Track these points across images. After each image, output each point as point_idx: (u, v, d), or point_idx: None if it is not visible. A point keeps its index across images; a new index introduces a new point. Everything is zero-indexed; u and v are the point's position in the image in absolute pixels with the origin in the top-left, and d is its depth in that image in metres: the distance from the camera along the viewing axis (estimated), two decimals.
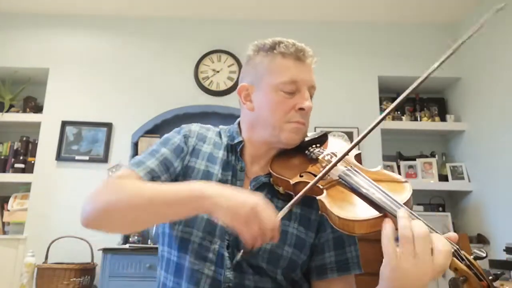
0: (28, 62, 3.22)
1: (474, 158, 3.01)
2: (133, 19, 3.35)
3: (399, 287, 0.63)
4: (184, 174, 0.92)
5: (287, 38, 0.93)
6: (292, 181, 0.83)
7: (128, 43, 3.31)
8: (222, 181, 0.91)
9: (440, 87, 3.43)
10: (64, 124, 3.09)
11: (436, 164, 3.13)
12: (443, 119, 3.24)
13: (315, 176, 0.81)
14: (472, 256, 0.63)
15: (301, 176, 0.85)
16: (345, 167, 0.83)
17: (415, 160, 3.17)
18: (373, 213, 0.69)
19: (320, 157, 0.88)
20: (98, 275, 2.57)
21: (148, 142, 3.06)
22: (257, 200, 0.71)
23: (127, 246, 2.62)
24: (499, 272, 0.63)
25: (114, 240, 2.77)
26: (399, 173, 3.13)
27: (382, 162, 3.07)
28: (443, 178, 3.07)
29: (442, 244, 0.61)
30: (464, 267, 0.62)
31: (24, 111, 3.22)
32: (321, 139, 0.96)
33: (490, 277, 0.61)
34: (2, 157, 3.10)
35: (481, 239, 2.76)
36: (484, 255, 0.62)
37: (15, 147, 3.14)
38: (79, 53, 3.27)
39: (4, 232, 2.94)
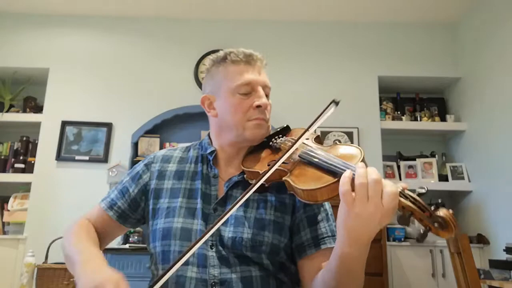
0: (28, 62, 3.22)
1: (474, 158, 3.01)
2: (133, 19, 3.35)
3: (352, 230, 0.72)
4: (155, 196, 1.02)
5: (238, 48, 1.02)
6: (261, 171, 0.90)
7: (128, 43, 3.32)
8: (191, 190, 0.99)
9: (440, 87, 3.43)
10: (64, 124, 3.09)
11: (436, 164, 3.13)
12: (443, 119, 3.24)
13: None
14: (415, 194, 0.71)
15: (268, 165, 0.92)
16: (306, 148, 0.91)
17: (415, 160, 3.17)
18: (330, 179, 0.77)
19: (282, 145, 0.96)
20: None
21: (148, 142, 3.05)
22: (109, 279, 0.73)
23: (127, 246, 2.62)
24: (439, 201, 0.69)
25: (114, 240, 2.77)
26: (399, 173, 3.14)
27: (382, 162, 3.07)
28: (443, 178, 3.06)
29: (390, 186, 0.69)
30: (409, 203, 0.70)
31: (24, 111, 3.22)
32: (284, 131, 1.04)
33: (432, 207, 0.69)
34: (2, 157, 3.10)
35: (481, 239, 2.75)
36: (425, 191, 0.71)
37: (15, 147, 3.15)
38: (79, 53, 3.27)
39: (4, 232, 2.94)
